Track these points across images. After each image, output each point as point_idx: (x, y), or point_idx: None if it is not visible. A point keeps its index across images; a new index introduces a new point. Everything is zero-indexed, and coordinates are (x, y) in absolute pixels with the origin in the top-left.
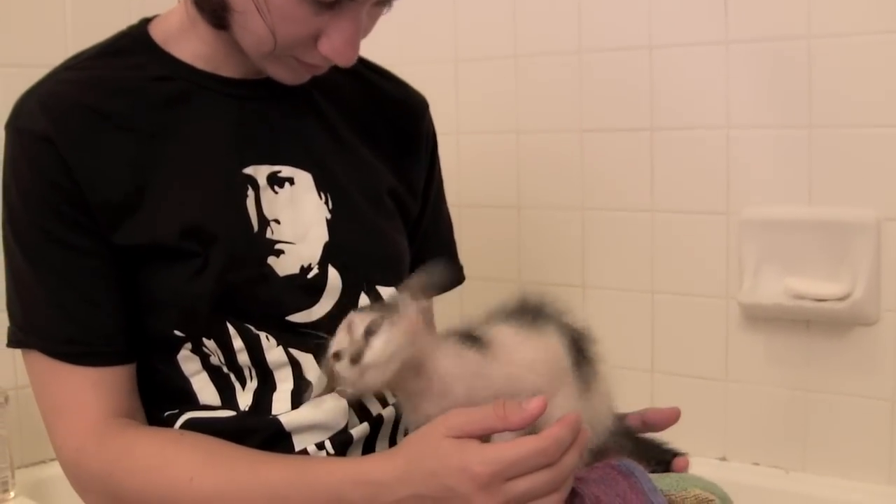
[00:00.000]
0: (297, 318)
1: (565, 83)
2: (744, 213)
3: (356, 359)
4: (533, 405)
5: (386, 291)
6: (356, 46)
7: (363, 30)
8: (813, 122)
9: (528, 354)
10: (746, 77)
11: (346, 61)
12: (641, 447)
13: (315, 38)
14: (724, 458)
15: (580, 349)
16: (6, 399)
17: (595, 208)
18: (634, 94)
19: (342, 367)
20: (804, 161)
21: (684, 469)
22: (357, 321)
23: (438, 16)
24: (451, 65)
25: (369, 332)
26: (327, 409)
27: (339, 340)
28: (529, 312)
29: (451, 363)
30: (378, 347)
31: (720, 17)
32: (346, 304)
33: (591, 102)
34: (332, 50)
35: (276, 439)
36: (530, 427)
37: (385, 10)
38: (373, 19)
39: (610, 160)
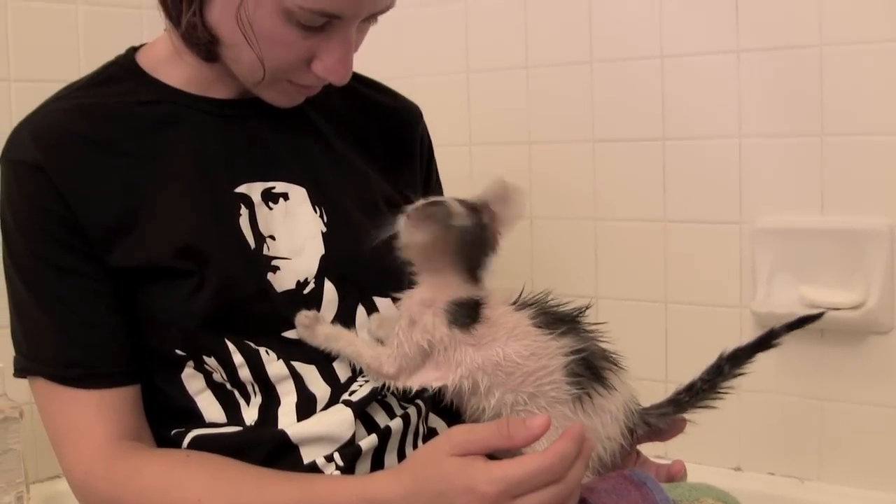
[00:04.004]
0: (294, 333)
1: (577, 94)
2: (757, 222)
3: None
4: (537, 423)
5: (382, 303)
6: (349, 64)
7: (354, 46)
8: (825, 131)
9: (510, 348)
10: (758, 86)
11: (340, 79)
12: None
13: (307, 61)
14: (738, 468)
15: (591, 364)
16: (21, 414)
17: (607, 219)
18: (646, 104)
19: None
20: (816, 169)
21: (680, 473)
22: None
23: (450, 27)
24: (463, 76)
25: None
26: (333, 421)
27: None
28: (558, 317)
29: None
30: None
31: (731, 26)
32: (343, 316)
33: (603, 113)
34: (325, 70)
35: (283, 451)
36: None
37: (373, 23)
38: (362, 33)
39: (622, 170)
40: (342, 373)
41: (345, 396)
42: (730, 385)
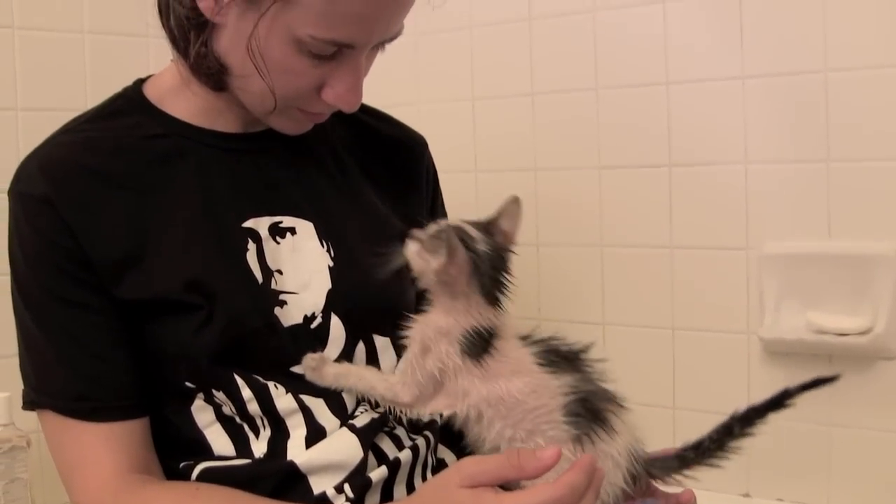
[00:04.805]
0: (302, 368)
1: (582, 120)
2: (763, 247)
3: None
4: (548, 455)
5: (381, 341)
6: (360, 92)
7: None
8: (831, 156)
9: (512, 385)
10: (763, 112)
11: (351, 107)
12: None
13: (317, 89)
14: (747, 495)
15: (591, 406)
16: (28, 443)
17: (614, 245)
18: (652, 131)
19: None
20: (823, 195)
21: (690, 502)
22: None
23: (455, 55)
24: (469, 103)
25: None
26: (339, 447)
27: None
28: (562, 355)
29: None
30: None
31: (736, 53)
32: (344, 353)
33: (609, 139)
34: (336, 97)
35: (291, 482)
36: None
37: (381, 51)
38: (370, 61)
39: (628, 197)
40: (350, 404)
41: (348, 422)
42: (738, 446)
